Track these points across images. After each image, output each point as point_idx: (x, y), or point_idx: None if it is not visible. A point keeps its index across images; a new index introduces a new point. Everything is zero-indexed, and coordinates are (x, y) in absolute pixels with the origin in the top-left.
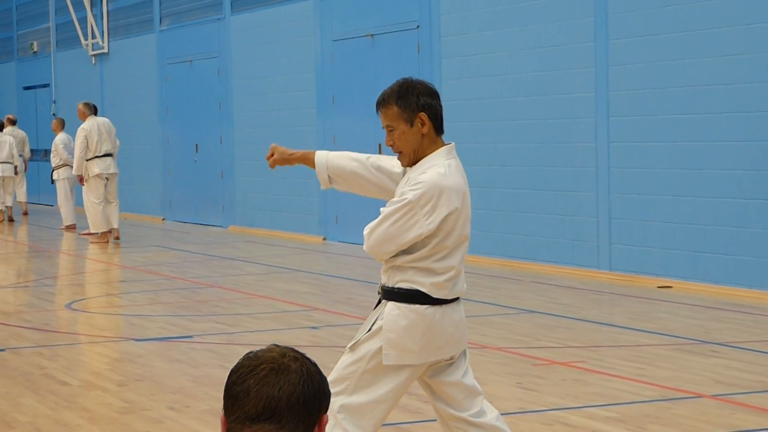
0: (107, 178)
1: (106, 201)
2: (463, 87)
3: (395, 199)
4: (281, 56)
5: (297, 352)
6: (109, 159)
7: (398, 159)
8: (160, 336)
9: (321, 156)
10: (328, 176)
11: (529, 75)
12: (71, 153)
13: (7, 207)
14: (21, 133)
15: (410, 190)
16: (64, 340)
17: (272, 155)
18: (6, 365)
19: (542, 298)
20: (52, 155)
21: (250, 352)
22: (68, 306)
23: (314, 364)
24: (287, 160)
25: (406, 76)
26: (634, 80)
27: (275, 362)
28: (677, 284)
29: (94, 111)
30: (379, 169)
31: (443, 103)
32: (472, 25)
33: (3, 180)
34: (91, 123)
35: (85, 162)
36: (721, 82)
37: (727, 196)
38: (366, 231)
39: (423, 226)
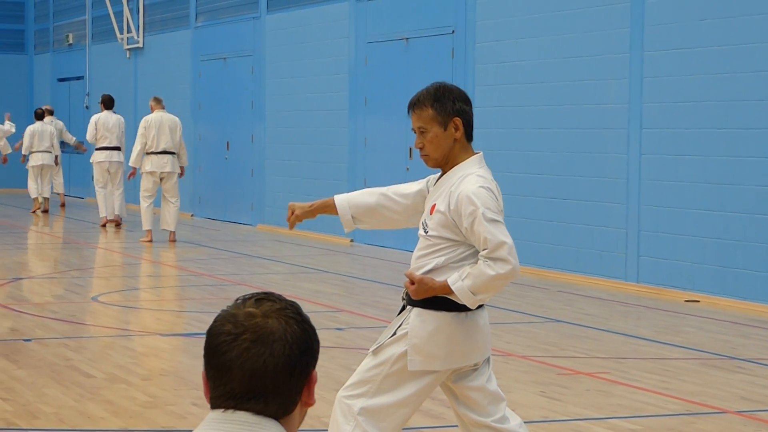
0: (161, 177)
1: (164, 200)
2: (496, 93)
3: (467, 223)
4: (315, 57)
5: (281, 309)
6: (166, 157)
7: (423, 160)
8: (186, 332)
9: (341, 199)
10: (352, 216)
11: (562, 84)
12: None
13: (44, 198)
14: (60, 124)
15: (471, 207)
16: (90, 332)
17: (293, 213)
18: (32, 355)
19: (569, 308)
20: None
21: (229, 312)
22: (95, 299)
23: (300, 320)
24: (308, 213)
25: (440, 80)
26: (668, 93)
27: (258, 330)
28: (705, 299)
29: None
30: (401, 195)
31: (475, 109)
32: (507, 32)
33: (42, 168)
34: (153, 116)
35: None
36: (755, 97)
37: (758, 212)
38: (503, 253)
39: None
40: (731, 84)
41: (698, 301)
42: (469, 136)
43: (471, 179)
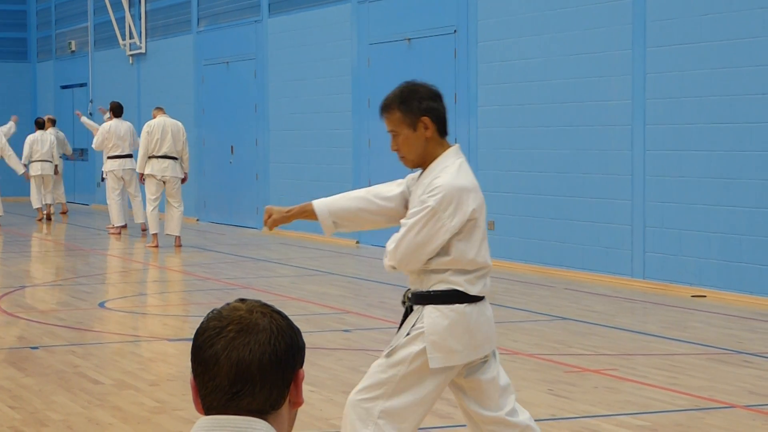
0: (164, 181)
1: (168, 205)
2: (499, 92)
3: (416, 208)
4: (318, 59)
5: (265, 305)
6: (167, 161)
7: (402, 162)
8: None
9: (320, 204)
10: (333, 222)
11: (565, 81)
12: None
13: (46, 205)
14: (61, 135)
15: (430, 196)
16: (97, 338)
17: (269, 217)
18: (39, 363)
19: (575, 305)
20: None
21: (215, 311)
22: (101, 305)
23: (285, 318)
24: (285, 218)
25: (443, 80)
26: (671, 88)
27: (243, 321)
28: (711, 294)
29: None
30: (383, 198)
31: (479, 108)
32: (509, 30)
33: (43, 178)
34: (156, 120)
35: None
36: (758, 91)
37: (763, 206)
38: (390, 245)
39: (449, 228)
40: (734, 78)
41: (705, 296)
42: (442, 131)
43: (446, 174)
